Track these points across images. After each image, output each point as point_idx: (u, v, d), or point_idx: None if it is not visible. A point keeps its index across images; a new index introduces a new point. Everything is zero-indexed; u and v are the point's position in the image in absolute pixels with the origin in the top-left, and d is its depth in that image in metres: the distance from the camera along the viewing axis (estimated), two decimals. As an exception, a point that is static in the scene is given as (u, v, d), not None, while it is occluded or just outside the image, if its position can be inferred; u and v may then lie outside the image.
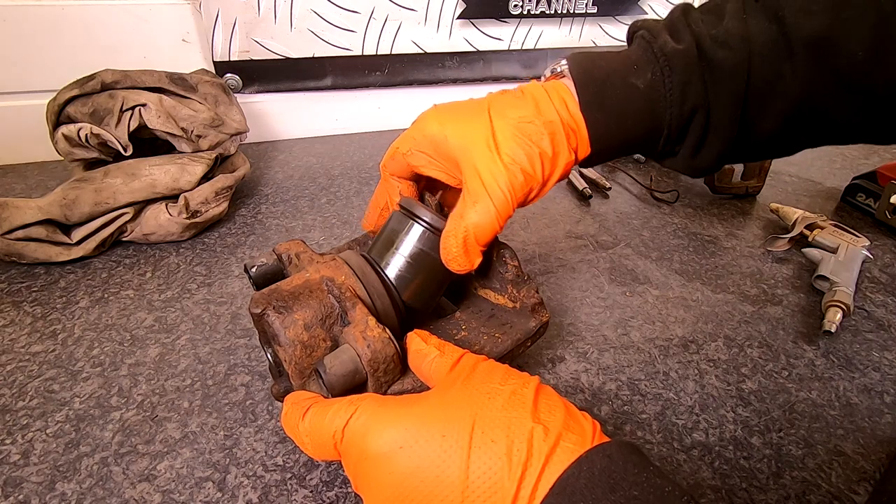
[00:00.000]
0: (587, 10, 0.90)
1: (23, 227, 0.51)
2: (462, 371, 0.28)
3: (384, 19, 0.81)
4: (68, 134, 0.56)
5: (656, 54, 0.32)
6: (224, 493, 0.34)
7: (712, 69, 0.31)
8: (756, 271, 0.58)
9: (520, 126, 0.32)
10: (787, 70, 0.31)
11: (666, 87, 0.32)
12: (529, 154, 0.31)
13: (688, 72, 0.31)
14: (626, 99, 0.32)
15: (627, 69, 0.33)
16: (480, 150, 0.31)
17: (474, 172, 0.31)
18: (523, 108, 0.32)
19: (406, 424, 0.25)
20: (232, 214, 0.65)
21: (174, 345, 0.45)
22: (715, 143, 0.33)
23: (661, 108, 0.32)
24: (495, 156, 0.31)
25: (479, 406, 0.25)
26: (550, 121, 0.32)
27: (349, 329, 0.31)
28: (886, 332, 0.50)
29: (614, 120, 0.33)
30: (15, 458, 0.36)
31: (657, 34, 0.33)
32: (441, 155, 0.33)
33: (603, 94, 0.32)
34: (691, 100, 0.32)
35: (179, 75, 0.63)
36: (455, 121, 0.33)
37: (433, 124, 0.33)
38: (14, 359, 0.43)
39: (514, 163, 0.31)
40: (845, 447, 0.39)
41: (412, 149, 0.34)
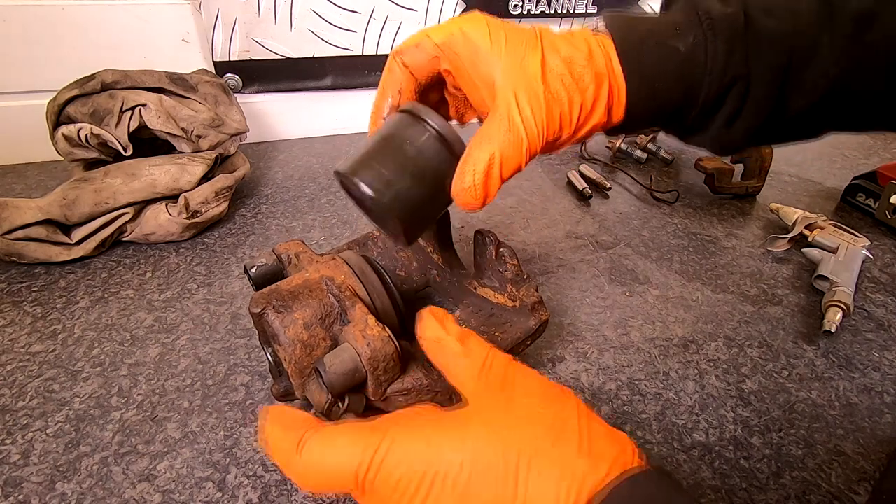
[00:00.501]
0: (587, 9, 0.90)
1: (23, 227, 0.51)
2: (495, 381, 0.25)
3: (384, 19, 0.81)
4: (68, 134, 0.56)
5: (700, 17, 0.31)
6: (224, 493, 0.34)
7: (758, 38, 0.30)
8: (756, 271, 0.58)
9: (571, 65, 0.29)
10: (826, 43, 0.30)
11: (708, 52, 0.30)
12: (571, 96, 0.29)
13: (733, 38, 0.30)
14: (664, 62, 0.31)
15: (668, 31, 0.31)
16: (525, 75, 0.28)
17: (511, 97, 0.28)
18: (576, 49, 0.30)
19: (447, 455, 0.22)
20: (232, 214, 0.65)
21: (174, 345, 0.45)
22: (749, 117, 0.32)
23: (700, 74, 0.31)
24: (540, 86, 0.28)
25: (523, 435, 0.23)
26: (599, 71, 0.30)
27: (349, 328, 0.32)
28: (886, 332, 0.50)
29: (650, 85, 0.31)
30: (15, 458, 0.36)
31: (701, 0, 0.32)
32: (476, 65, 0.30)
33: (641, 57, 0.31)
34: (733, 68, 0.30)
35: (179, 75, 0.63)
36: (505, 35, 0.30)
37: (480, 28, 0.30)
38: (14, 359, 0.43)
39: (556, 100, 0.29)
40: (845, 447, 0.39)
41: (445, 43, 0.30)
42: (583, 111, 0.30)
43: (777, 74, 0.30)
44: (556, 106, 0.29)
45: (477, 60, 0.30)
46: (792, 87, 0.31)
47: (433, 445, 0.23)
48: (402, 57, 0.31)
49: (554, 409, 0.24)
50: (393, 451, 0.23)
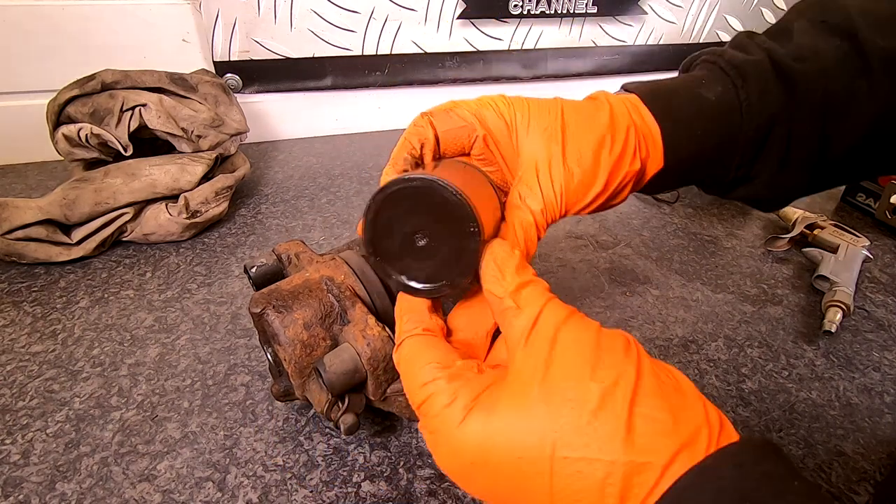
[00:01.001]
0: (587, 10, 0.90)
1: (23, 227, 0.51)
2: (541, 344, 0.21)
3: (384, 19, 0.81)
4: (68, 134, 0.56)
5: (724, 69, 0.31)
6: (224, 493, 0.34)
7: (789, 81, 0.30)
8: (756, 271, 0.58)
9: (592, 128, 0.29)
10: (863, 86, 0.30)
11: (740, 97, 0.30)
12: (596, 158, 0.29)
13: (763, 81, 0.30)
14: (696, 110, 0.31)
15: (693, 84, 0.31)
16: (546, 143, 0.29)
17: (532, 166, 0.28)
18: (597, 111, 0.30)
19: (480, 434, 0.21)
20: (232, 214, 0.65)
21: (174, 345, 0.45)
22: (800, 158, 0.32)
23: (736, 119, 0.31)
24: (559, 152, 0.28)
25: (561, 419, 0.19)
26: (625, 126, 0.30)
27: (349, 328, 0.32)
28: (886, 332, 0.50)
29: (686, 131, 0.31)
30: (15, 458, 0.36)
31: (721, 53, 0.32)
32: (503, 139, 0.30)
33: (672, 106, 0.31)
34: (769, 109, 0.30)
35: (179, 75, 0.63)
36: (527, 108, 0.30)
37: (505, 105, 0.30)
38: (14, 359, 0.43)
39: (578, 164, 0.29)
40: (845, 447, 0.39)
41: (479, 112, 0.30)
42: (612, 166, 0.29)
43: (817, 114, 0.30)
44: (576, 168, 0.29)
45: (509, 138, 0.30)
46: (832, 129, 0.31)
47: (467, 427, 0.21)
48: (432, 118, 0.30)
49: (603, 384, 0.20)
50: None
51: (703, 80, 0.31)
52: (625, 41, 0.97)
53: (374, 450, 0.37)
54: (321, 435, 0.38)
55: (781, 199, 0.35)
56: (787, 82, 0.30)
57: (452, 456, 0.22)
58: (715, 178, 0.34)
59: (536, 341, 0.22)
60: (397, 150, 0.30)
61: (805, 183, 0.33)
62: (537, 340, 0.22)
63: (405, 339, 0.25)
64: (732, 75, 0.31)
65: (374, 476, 0.36)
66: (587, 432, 0.19)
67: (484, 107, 0.30)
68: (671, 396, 0.20)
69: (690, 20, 0.98)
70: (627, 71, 1.00)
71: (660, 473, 0.18)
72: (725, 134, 0.31)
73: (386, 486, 0.35)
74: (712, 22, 1.00)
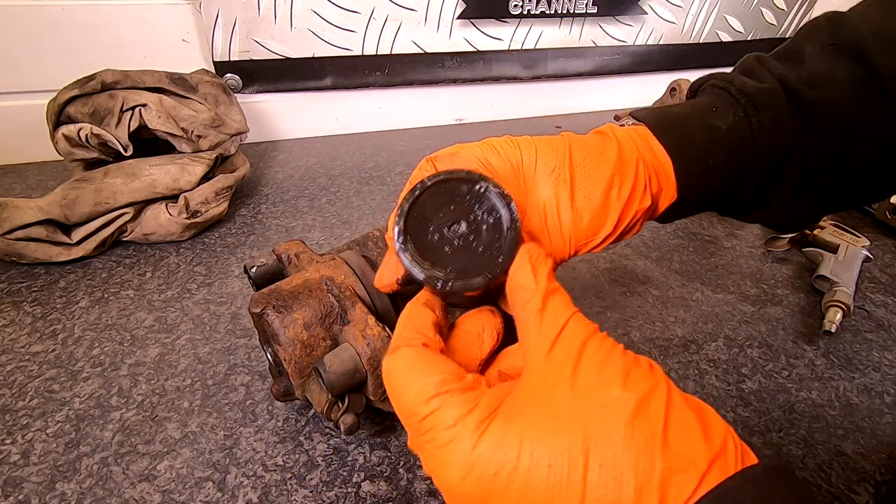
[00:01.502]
0: (587, 10, 0.90)
1: (23, 227, 0.51)
2: (567, 358, 0.21)
3: (384, 19, 0.81)
4: (68, 134, 0.56)
5: (735, 96, 0.30)
6: (224, 493, 0.34)
7: (803, 109, 0.30)
8: (756, 271, 0.58)
9: (601, 166, 0.28)
10: (880, 110, 0.29)
11: (753, 126, 0.30)
12: (606, 198, 0.28)
13: (776, 109, 0.30)
14: (708, 141, 0.30)
15: (704, 112, 0.31)
16: (553, 186, 0.28)
17: (539, 209, 0.28)
18: (605, 148, 0.29)
19: (504, 443, 0.19)
20: (232, 214, 0.65)
21: (174, 345, 0.45)
22: (815, 187, 0.31)
23: (749, 148, 0.30)
24: (567, 195, 0.28)
25: (594, 426, 0.19)
26: (634, 162, 0.29)
27: (349, 328, 0.32)
28: (886, 332, 0.50)
29: (698, 164, 0.30)
30: (15, 458, 0.36)
31: (731, 79, 0.31)
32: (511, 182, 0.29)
33: (682, 136, 0.30)
34: (783, 138, 0.30)
35: (180, 75, 0.63)
36: (534, 149, 0.29)
37: (511, 147, 0.29)
38: (14, 359, 0.43)
39: (587, 207, 0.28)
40: (845, 447, 0.39)
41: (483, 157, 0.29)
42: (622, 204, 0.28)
43: (832, 141, 0.30)
44: (585, 209, 0.28)
45: (511, 178, 0.29)
46: (849, 153, 0.30)
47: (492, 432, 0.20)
48: (436, 162, 0.29)
49: (636, 395, 0.19)
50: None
51: (713, 109, 0.31)
52: (625, 41, 0.97)
53: (374, 450, 0.37)
54: (321, 435, 0.38)
55: (798, 223, 0.34)
56: (801, 110, 0.30)
57: (468, 472, 0.20)
58: (730, 204, 0.34)
59: (563, 349, 0.21)
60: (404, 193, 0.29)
61: (822, 207, 0.33)
62: (563, 348, 0.21)
63: (403, 346, 0.23)
64: (744, 104, 0.30)
65: (374, 476, 0.36)
66: (624, 440, 0.19)
67: (489, 150, 0.29)
68: (699, 411, 0.20)
69: (690, 20, 0.98)
70: (627, 71, 1.00)
71: (698, 481, 0.18)
72: (738, 164, 0.30)
73: (386, 486, 0.35)
74: (712, 22, 1.00)
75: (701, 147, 0.30)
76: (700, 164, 0.30)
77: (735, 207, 0.34)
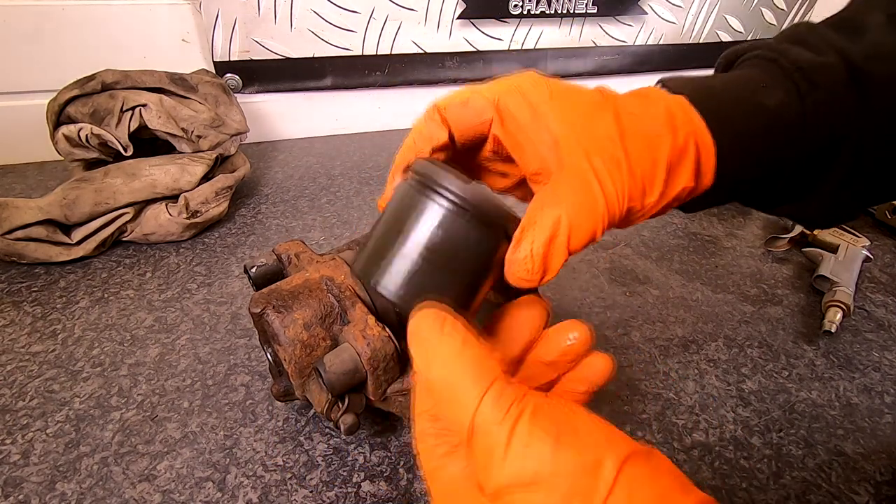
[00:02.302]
0: (587, 10, 0.90)
1: (23, 227, 0.51)
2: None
3: (384, 19, 0.81)
4: (69, 134, 0.56)
5: (787, 69, 0.26)
6: (224, 493, 0.34)
7: (868, 85, 0.26)
8: (756, 271, 0.58)
9: (650, 122, 0.25)
10: None
11: (806, 104, 0.26)
12: (655, 156, 0.24)
13: (836, 87, 0.26)
14: (755, 123, 0.26)
15: (752, 87, 0.27)
16: (596, 135, 0.24)
17: (582, 157, 0.23)
18: (655, 111, 0.25)
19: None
20: (232, 214, 0.65)
21: (174, 345, 0.45)
22: (865, 179, 0.28)
23: (797, 133, 0.26)
24: (618, 146, 0.23)
25: None
26: (685, 132, 0.25)
27: (349, 328, 0.32)
28: (886, 332, 0.50)
29: (741, 149, 0.26)
30: (15, 458, 0.36)
31: (782, 50, 0.27)
32: (537, 129, 0.24)
33: (724, 113, 0.26)
34: (839, 121, 0.26)
35: (180, 75, 0.63)
36: (568, 93, 0.25)
37: (539, 87, 0.25)
38: (14, 359, 0.43)
39: (637, 161, 0.24)
40: (845, 447, 0.39)
41: (501, 101, 0.25)
42: (670, 174, 0.25)
43: (893, 126, 0.26)
44: (637, 168, 0.24)
45: (537, 123, 0.24)
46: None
47: None
48: (445, 112, 0.25)
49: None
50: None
51: (761, 84, 0.27)
52: (625, 41, 0.97)
53: (374, 450, 0.37)
54: (321, 435, 0.38)
55: (833, 219, 0.31)
56: (862, 88, 0.26)
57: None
58: (760, 195, 0.30)
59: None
60: (404, 150, 0.26)
61: (866, 201, 0.30)
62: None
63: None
64: (797, 78, 0.26)
65: (374, 476, 0.36)
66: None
67: (509, 93, 0.25)
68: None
69: (690, 20, 0.98)
70: (628, 71, 1.00)
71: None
72: (784, 150, 0.27)
73: (386, 486, 0.35)
74: (712, 22, 1.00)
75: (747, 130, 0.26)
76: (742, 150, 0.26)
77: (763, 199, 0.30)
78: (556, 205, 0.23)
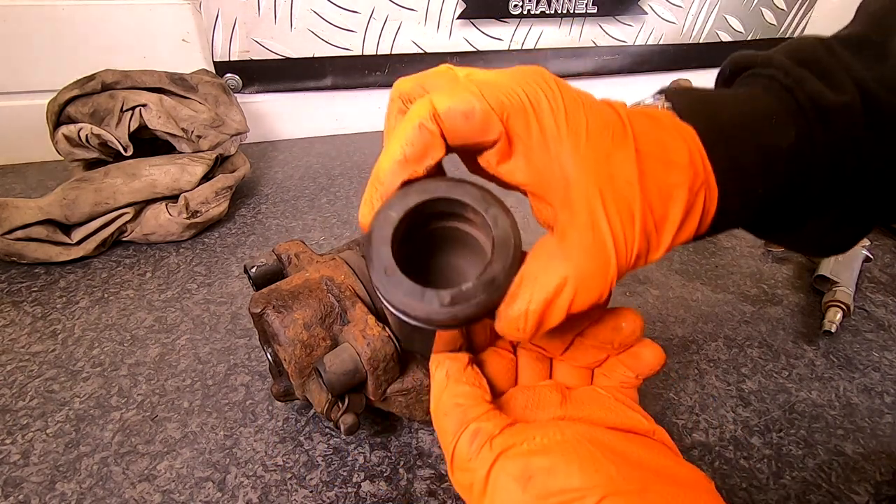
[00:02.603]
0: (587, 10, 0.90)
1: (23, 227, 0.51)
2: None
3: (384, 19, 0.81)
4: (69, 134, 0.56)
5: (803, 105, 0.24)
6: (224, 493, 0.34)
7: (881, 120, 0.24)
8: (756, 271, 0.58)
9: (670, 169, 0.22)
10: None
11: (818, 146, 0.24)
12: (668, 208, 0.22)
13: (854, 131, 0.24)
14: (765, 164, 0.24)
15: (762, 123, 0.24)
16: (613, 177, 0.21)
17: (597, 203, 0.20)
18: (675, 152, 0.22)
19: None
20: (232, 214, 0.65)
21: (174, 345, 0.45)
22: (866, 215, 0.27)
23: (805, 171, 0.25)
24: (636, 193, 0.21)
25: None
26: (698, 174, 0.23)
27: (349, 328, 0.32)
28: (886, 332, 0.50)
29: (743, 188, 0.24)
30: (15, 458, 0.36)
31: (800, 80, 0.25)
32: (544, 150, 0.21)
33: (733, 156, 0.24)
34: (851, 160, 0.25)
35: (180, 75, 0.63)
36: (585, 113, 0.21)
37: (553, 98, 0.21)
38: (14, 359, 0.43)
39: (651, 212, 0.21)
40: (845, 447, 0.39)
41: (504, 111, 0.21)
42: (682, 226, 0.23)
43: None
44: (650, 223, 0.21)
45: (548, 153, 0.21)
46: None
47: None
48: (443, 122, 0.21)
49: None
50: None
51: (773, 119, 0.24)
52: (625, 41, 0.97)
53: (374, 450, 0.37)
54: (321, 435, 0.38)
55: (827, 250, 0.30)
56: (878, 122, 0.24)
57: None
58: (753, 225, 0.29)
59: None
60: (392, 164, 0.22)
61: (863, 234, 0.28)
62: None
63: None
64: (812, 118, 0.24)
65: (374, 476, 0.36)
66: None
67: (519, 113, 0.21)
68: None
69: (690, 20, 0.98)
70: (628, 71, 1.00)
71: None
72: (790, 189, 0.25)
73: (386, 486, 0.35)
74: (712, 22, 1.00)
75: (754, 171, 0.24)
76: (746, 192, 0.24)
77: (756, 228, 0.29)
78: (564, 261, 0.20)
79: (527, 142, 0.21)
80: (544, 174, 0.21)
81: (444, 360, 0.23)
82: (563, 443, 0.20)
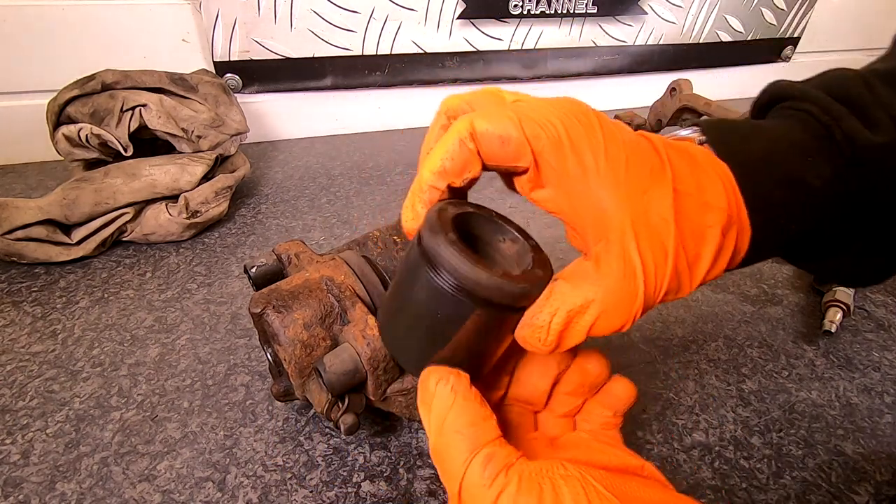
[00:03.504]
0: (587, 10, 0.90)
1: (23, 227, 0.51)
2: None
3: (384, 19, 0.81)
4: (69, 134, 0.56)
5: (841, 145, 0.24)
6: (224, 493, 0.34)
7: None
8: (756, 271, 0.58)
9: (706, 211, 0.22)
10: None
11: (852, 184, 0.24)
12: (700, 249, 0.22)
13: (888, 170, 0.24)
14: (799, 205, 0.24)
15: (797, 160, 0.24)
16: (648, 214, 0.21)
17: (630, 237, 0.21)
18: (712, 188, 0.23)
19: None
20: (232, 214, 0.65)
21: (174, 345, 0.45)
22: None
23: (835, 209, 0.25)
24: (670, 232, 0.21)
25: None
26: (732, 216, 0.23)
27: (349, 328, 0.32)
28: (886, 332, 0.50)
29: (778, 228, 0.24)
30: (15, 458, 0.36)
31: (838, 117, 0.24)
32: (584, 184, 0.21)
33: (767, 193, 0.24)
34: (885, 198, 0.25)
35: (180, 75, 0.63)
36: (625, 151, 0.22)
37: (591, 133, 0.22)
38: (14, 359, 0.43)
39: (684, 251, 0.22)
40: (845, 447, 0.39)
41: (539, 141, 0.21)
42: (714, 265, 0.23)
43: None
44: (682, 263, 0.22)
45: (585, 186, 0.22)
46: None
47: None
48: (479, 143, 0.21)
49: None
50: None
51: (808, 157, 0.24)
52: (625, 41, 0.97)
53: (374, 450, 0.37)
54: (321, 435, 0.38)
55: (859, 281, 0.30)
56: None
57: None
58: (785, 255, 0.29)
59: None
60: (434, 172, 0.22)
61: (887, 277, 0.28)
62: None
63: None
64: (849, 157, 0.24)
65: (374, 476, 0.36)
66: None
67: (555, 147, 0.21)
68: None
69: (690, 20, 0.98)
70: (627, 71, 1.00)
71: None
72: (820, 227, 0.25)
73: (386, 486, 0.35)
74: (712, 22, 1.00)
75: (786, 210, 0.24)
76: (779, 229, 0.25)
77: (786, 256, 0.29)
78: (593, 284, 0.21)
79: (561, 173, 0.22)
80: (579, 206, 0.22)
81: (447, 375, 0.23)
82: (568, 477, 0.20)
